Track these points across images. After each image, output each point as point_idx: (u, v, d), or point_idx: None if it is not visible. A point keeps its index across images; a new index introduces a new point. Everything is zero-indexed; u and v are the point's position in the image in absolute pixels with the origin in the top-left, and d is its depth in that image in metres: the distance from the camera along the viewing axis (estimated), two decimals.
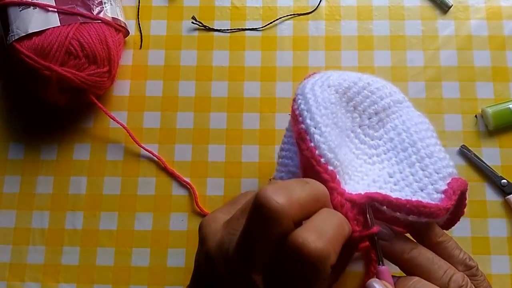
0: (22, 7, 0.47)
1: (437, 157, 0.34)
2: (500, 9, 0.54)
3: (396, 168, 0.33)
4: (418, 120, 0.36)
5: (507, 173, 0.49)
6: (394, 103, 0.36)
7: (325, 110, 0.32)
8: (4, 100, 0.54)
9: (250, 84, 0.53)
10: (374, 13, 0.55)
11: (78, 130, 0.52)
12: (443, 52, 0.53)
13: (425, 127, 0.36)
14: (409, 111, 0.37)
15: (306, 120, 0.31)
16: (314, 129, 0.31)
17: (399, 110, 0.36)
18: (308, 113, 0.32)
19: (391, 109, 0.36)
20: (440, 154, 0.34)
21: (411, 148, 0.34)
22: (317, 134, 0.31)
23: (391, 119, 0.36)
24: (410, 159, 0.33)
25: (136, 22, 0.55)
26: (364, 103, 0.36)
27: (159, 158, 0.50)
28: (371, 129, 0.36)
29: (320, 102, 0.32)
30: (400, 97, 0.37)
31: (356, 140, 0.35)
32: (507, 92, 0.51)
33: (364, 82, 0.36)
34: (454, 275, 0.30)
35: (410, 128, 0.35)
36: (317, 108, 0.32)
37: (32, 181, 0.51)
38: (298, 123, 0.32)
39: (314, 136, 0.30)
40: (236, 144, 0.51)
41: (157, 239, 0.49)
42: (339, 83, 0.34)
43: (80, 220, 0.50)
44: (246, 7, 0.55)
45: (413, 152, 0.34)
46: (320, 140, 0.30)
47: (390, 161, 0.34)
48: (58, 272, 0.48)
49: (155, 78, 0.54)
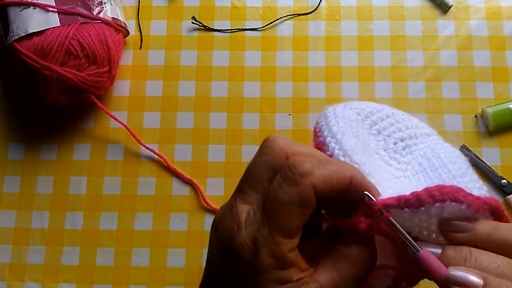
0: (22, 7, 0.47)
1: (470, 178, 0.31)
2: (500, 9, 0.54)
3: (426, 184, 0.31)
4: (448, 149, 0.34)
5: (507, 173, 0.49)
6: (422, 135, 0.35)
7: (343, 123, 0.31)
8: (4, 100, 0.54)
9: (250, 84, 0.53)
10: (374, 13, 0.55)
11: (78, 130, 0.52)
12: (443, 52, 0.53)
13: (456, 154, 0.33)
14: (438, 142, 0.35)
15: (324, 132, 0.31)
16: (330, 138, 0.30)
17: (427, 141, 0.35)
18: (326, 126, 0.31)
19: (418, 139, 0.35)
20: (473, 176, 0.31)
21: (441, 169, 0.31)
22: (332, 142, 0.30)
23: (419, 148, 0.34)
24: (441, 177, 0.31)
25: (136, 22, 0.55)
26: (389, 129, 0.34)
27: (161, 157, 0.50)
28: (397, 154, 0.34)
29: (339, 117, 0.31)
30: (428, 131, 0.35)
31: (381, 161, 0.33)
32: (507, 92, 0.51)
33: (388, 111, 0.35)
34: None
35: (440, 154, 0.33)
36: (335, 121, 0.31)
37: (32, 181, 0.51)
38: (316, 137, 0.31)
39: (330, 145, 0.30)
40: (236, 144, 0.51)
41: (157, 239, 0.49)
42: (361, 108, 0.34)
43: (80, 220, 0.50)
44: (246, 7, 0.55)
45: (444, 172, 0.31)
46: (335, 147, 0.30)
47: (420, 181, 0.32)
48: (58, 272, 0.48)
49: (155, 78, 0.54)
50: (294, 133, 0.51)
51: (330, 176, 0.23)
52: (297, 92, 0.52)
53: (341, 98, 0.52)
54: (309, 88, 0.52)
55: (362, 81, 0.52)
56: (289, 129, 0.51)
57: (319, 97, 0.52)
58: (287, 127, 0.51)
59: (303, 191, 0.23)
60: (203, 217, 0.49)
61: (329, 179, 0.23)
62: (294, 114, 0.52)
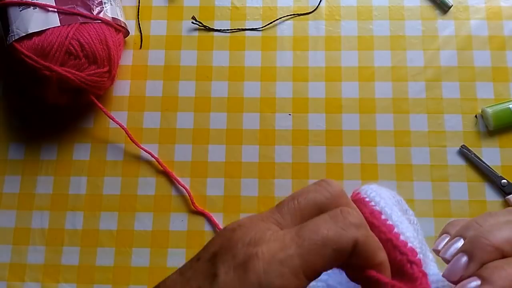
0: (22, 7, 0.47)
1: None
2: (500, 9, 0.54)
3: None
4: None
5: (507, 173, 0.49)
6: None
7: (390, 201, 0.31)
8: (4, 100, 0.54)
9: (250, 84, 0.53)
10: (374, 13, 0.55)
11: (78, 130, 0.52)
12: (443, 52, 0.53)
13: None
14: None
15: (380, 204, 0.31)
16: (387, 209, 0.30)
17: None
18: (379, 198, 0.31)
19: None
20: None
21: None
22: (394, 215, 0.30)
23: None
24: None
25: (136, 22, 0.55)
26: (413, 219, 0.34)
27: (156, 159, 0.50)
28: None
29: (384, 194, 0.31)
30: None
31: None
32: (507, 92, 0.51)
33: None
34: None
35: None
36: (383, 196, 0.31)
37: (32, 181, 0.51)
38: (366, 204, 0.31)
39: (392, 216, 0.30)
40: (236, 144, 0.51)
41: (157, 239, 0.49)
42: (390, 193, 0.34)
43: (80, 220, 0.50)
44: (246, 7, 0.55)
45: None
46: (398, 220, 0.30)
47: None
48: (58, 272, 0.48)
49: (155, 78, 0.54)
50: (294, 133, 0.51)
51: (369, 242, 0.22)
52: (297, 92, 0.52)
53: (341, 98, 0.52)
54: (309, 88, 0.53)
55: (362, 81, 0.52)
56: (289, 129, 0.51)
57: (319, 97, 0.52)
58: (287, 127, 0.52)
59: (345, 237, 0.21)
60: (203, 217, 0.49)
61: (368, 244, 0.22)
62: (294, 114, 0.52)
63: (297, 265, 0.21)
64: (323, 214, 0.22)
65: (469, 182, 0.49)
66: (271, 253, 0.21)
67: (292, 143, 0.51)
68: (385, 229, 0.28)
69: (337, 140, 0.51)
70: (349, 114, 0.52)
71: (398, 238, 0.28)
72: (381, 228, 0.29)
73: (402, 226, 0.28)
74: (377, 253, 0.23)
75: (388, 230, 0.28)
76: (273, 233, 0.22)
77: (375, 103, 0.52)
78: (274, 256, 0.21)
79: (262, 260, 0.21)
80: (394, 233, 0.28)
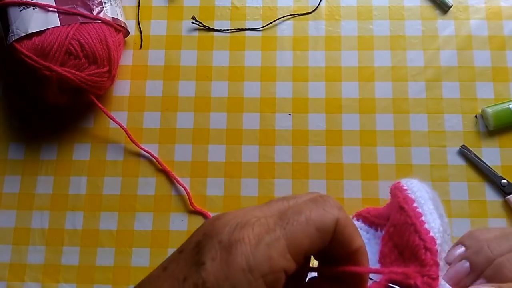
0: (22, 7, 0.47)
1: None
2: (500, 9, 0.54)
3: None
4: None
5: (507, 173, 0.49)
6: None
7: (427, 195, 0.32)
8: (4, 100, 0.54)
9: (250, 84, 0.53)
10: (374, 13, 0.55)
11: (78, 130, 0.52)
12: (443, 52, 0.53)
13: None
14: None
15: (416, 193, 0.32)
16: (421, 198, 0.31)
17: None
18: (416, 189, 0.32)
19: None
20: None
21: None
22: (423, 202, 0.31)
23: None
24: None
25: (136, 22, 0.55)
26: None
27: (156, 159, 0.50)
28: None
29: (422, 188, 0.33)
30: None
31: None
32: (507, 92, 0.51)
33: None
34: None
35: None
36: (421, 189, 0.32)
37: (32, 181, 0.51)
38: (403, 192, 0.32)
39: (423, 206, 0.30)
40: (236, 144, 0.51)
41: (157, 239, 0.49)
42: (428, 189, 0.35)
43: (80, 220, 0.50)
44: (246, 7, 0.55)
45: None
46: (428, 211, 0.30)
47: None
48: (58, 272, 0.48)
49: (155, 78, 0.54)
50: (294, 133, 0.51)
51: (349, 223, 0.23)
52: (297, 92, 0.52)
53: (341, 98, 0.52)
54: (309, 88, 0.53)
55: (362, 81, 0.52)
56: (289, 129, 0.51)
57: (319, 97, 0.52)
58: (287, 127, 0.52)
59: (327, 217, 0.22)
60: (203, 217, 0.49)
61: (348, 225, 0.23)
62: (294, 114, 0.52)
63: (283, 246, 0.21)
64: (304, 199, 0.23)
65: (469, 182, 0.49)
66: (258, 237, 0.21)
67: (292, 143, 0.51)
68: (412, 214, 0.30)
69: (337, 140, 0.51)
70: (349, 114, 0.52)
71: (422, 226, 0.29)
72: (409, 212, 0.30)
73: (430, 218, 0.29)
74: (355, 238, 0.23)
75: (415, 216, 0.29)
76: (258, 219, 0.22)
77: (375, 103, 0.52)
78: (260, 239, 0.21)
79: (249, 244, 0.21)
80: (420, 220, 0.29)
